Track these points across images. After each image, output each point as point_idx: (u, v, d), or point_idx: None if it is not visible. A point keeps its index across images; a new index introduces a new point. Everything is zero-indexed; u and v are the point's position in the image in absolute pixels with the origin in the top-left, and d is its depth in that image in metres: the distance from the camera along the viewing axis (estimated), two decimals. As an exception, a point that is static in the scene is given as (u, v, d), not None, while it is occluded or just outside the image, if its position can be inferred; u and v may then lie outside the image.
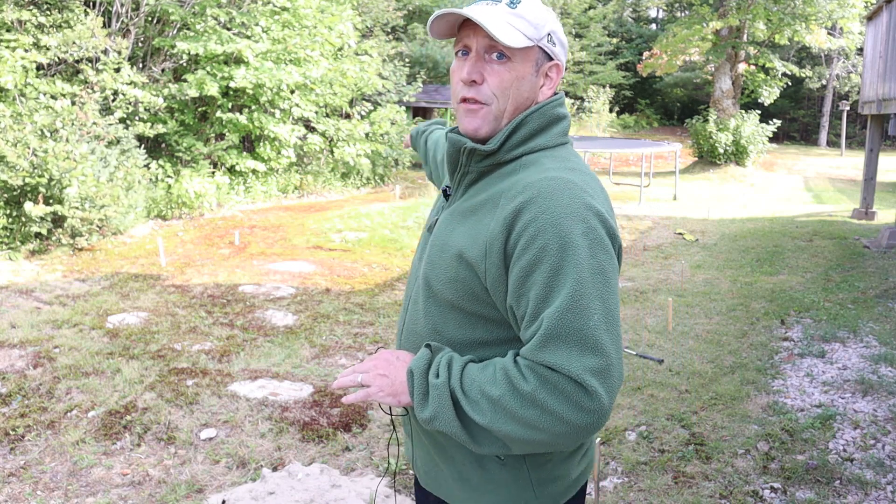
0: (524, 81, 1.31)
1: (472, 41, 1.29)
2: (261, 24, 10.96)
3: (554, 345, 1.14)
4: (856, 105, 25.86)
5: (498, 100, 1.29)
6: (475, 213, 1.30)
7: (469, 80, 1.28)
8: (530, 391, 1.15)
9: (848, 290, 6.61)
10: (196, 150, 10.67)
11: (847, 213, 11.94)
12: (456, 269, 1.29)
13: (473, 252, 1.26)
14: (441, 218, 1.40)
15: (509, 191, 1.25)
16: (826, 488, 3.17)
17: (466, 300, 1.30)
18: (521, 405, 1.15)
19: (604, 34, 30.33)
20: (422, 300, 1.37)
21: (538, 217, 1.18)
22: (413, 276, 1.46)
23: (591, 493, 2.98)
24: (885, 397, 4.14)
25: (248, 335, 5.19)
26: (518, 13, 1.28)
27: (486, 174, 1.34)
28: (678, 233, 9.99)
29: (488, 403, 1.19)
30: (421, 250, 1.45)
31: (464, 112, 1.32)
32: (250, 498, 3.02)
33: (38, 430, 3.62)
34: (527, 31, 1.28)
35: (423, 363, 1.27)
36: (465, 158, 1.33)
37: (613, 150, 14.74)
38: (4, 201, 7.31)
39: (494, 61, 1.28)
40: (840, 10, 17.22)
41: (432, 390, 1.23)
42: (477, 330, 1.31)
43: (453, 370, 1.24)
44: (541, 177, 1.23)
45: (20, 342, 4.86)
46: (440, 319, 1.34)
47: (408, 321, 1.43)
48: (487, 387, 1.19)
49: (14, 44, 8.40)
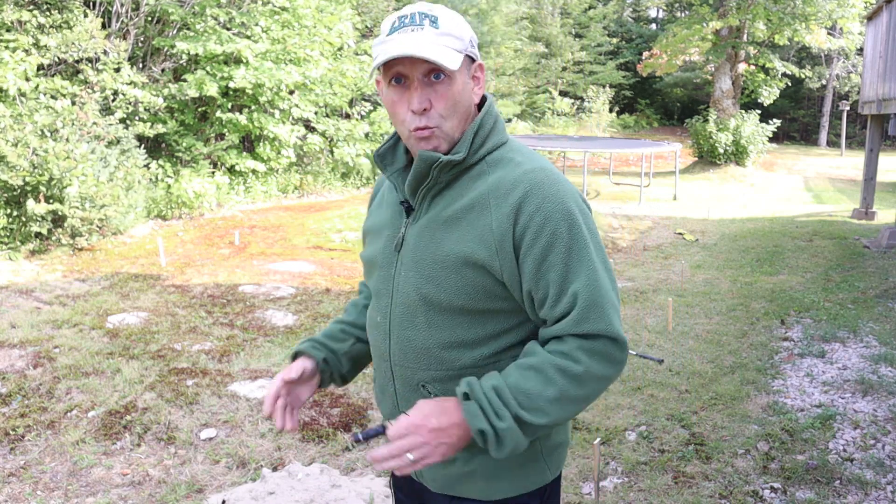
0: (464, 92, 1.34)
1: (408, 70, 1.29)
2: (260, 23, 10.96)
3: (593, 313, 1.27)
4: (856, 105, 25.86)
5: (447, 119, 1.32)
6: (464, 218, 1.33)
7: (421, 108, 1.29)
8: (583, 370, 1.27)
9: (848, 290, 6.61)
10: (196, 150, 10.67)
11: (847, 213, 11.94)
12: (464, 275, 1.31)
13: (482, 253, 1.30)
14: (410, 233, 1.39)
15: (497, 189, 1.32)
16: (826, 488, 3.17)
17: (479, 301, 1.33)
18: (579, 387, 1.27)
19: (604, 34, 30.31)
20: (422, 316, 1.36)
21: (541, 206, 1.28)
22: (387, 297, 1.42)
23: (591, 493, 2.98)
24: (885, 397, 4.14)
25: (248, 335, 5.19)
26: (444, 31, 1.29)
27: (453, 181, 1.36)
28: (678, 233, 9.99)
29: (550, 404, 1.26)
30: (388, 268, 1.42)
31: (417, 140, 1.33)
32: (250, 498, 3.02)
33: (38, 430, 3.62)
34: (456, 46, 1.30)
35: (478, 412, 1.25)
36: (437, 172, 1.34)
37: (613, 150, 14.74)
38: (5, 201, 7.31)
39: (435, 83, 1.30)
40: (840, 9, 17.22)
41: (505, 434, 1.24)
42: (489, 325, 1.36)
43: (508, 400, 1.25)
44: (522, 171, 1.32)
45: (20, 342, 4.86)
46: (449, 328, 1.35)
47: (401, 344, 1.40)
48: (545, 390, 1.26)
49: (14, 44, 8.40)
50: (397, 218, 1.44)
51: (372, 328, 1.49)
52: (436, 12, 1.30)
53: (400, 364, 1.41)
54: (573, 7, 29.26)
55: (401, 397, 1.43)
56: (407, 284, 1.37)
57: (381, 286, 1.44)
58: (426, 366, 1.37)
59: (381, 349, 1.46)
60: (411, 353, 1.39)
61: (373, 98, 14.64)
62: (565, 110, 25.96)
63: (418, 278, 1.36)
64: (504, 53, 22.06)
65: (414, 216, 1.40)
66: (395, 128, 1.39)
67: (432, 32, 1.28)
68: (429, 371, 1.37)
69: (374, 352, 1.51)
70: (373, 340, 1.50)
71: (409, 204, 1.41)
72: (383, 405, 1.53)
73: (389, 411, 1.49)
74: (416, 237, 1.38)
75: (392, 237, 1.43)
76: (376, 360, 1.51)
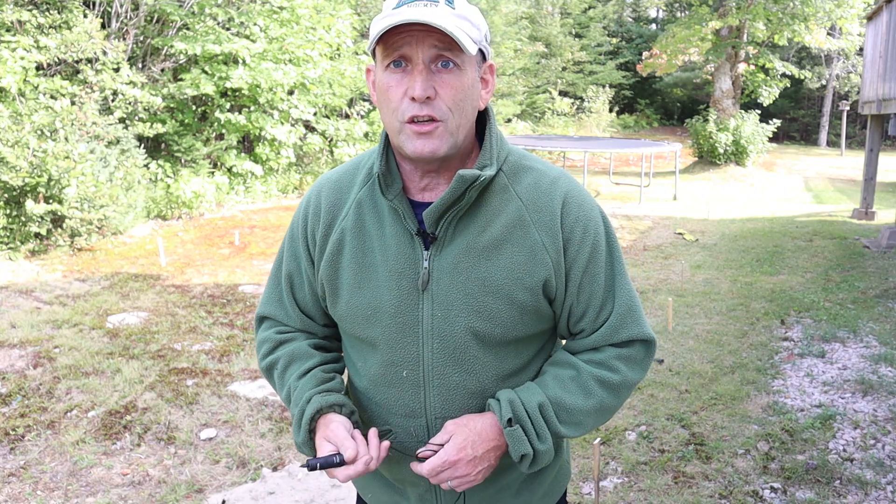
0: (472, 89, 1.18)
1: (414, 50, 1.11)
2: (259, 23, 10.95)
3: (629, 318, 1.25)
4: (856, 105, 25.86)
5: (453, 114, 1.14)
6: (507, 241, 1.20)
7: (424, 96, 1.11)
8: (620, 379, 1.25)
9: (848, 290, 6.61)
10: (195, 151, 10.67)
11: (847, 213, 11.94)
12: (520, 302, 1.20)
13: (541, 272, 1.20)
14: (438, 267, 1.20)
15: (533, 203, 1.22)
16: (826, 488, 3.17)
17: (531, 326, 1.25)
18: (615, 397, 1.25)
19: (604, 34, 30.32)
20: (472, 357, 1.21)
21: (579, 216, 1.23)
22: (415, 346, 1.22)
23: (591, 493, 2.98)
24: (885, 397, 4.14)
25: (248, 335, 5.18)
26: (460, 14, 1.12)
27: (479, 200, 1.21)
28: (678, 233, 9.99)
29: (588, 417, 1.24)
30: (410, 313, 1.21)
31: (413, 134, 1.14)
32: (250, 498, 3.02)
33: (38, 430, 3.62)
34: (472, 34, 1.14)
35: (522, 437, 1.18)
36: (472, 193, 1.17)
37: (613, 150, 14.74)
38: (4, 201, 7.31)
39: (443, 71, 1.13)
40: (838, 10, 17.22)
41: (543, 455, 1.21)
42: (530, 348, 1.30)
43: (550, 418, 1.21)
44: (550, 181, 1.25)
45: (20, 342, 4.86)
46: (499, 361, 1.24)
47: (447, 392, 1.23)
48: (585, 403, 1.23)
49: (14, 44, 8.39)
50: (408, 251, 1.21)
51: (385, 386, 1.27)
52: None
53: (442, 416, 1.24)
54: (573, 7, 29.26)
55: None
56: (448, 324, 1.20)
57: (398, 335, 1.23)
58: (479, 408, 1.25)
59: (409, 406, 1.25)
60: (459, 400, 1.23)
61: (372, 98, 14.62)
62: (565, 110, 25.96)
63: (467, 315, 1.20)
64: (504, 53, 22.06)
65: (437, 246, 1.20)
66: (383, 119, 1.19)
67: (449, 12, 1.10)
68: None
69: (389, 412, 1.28)
70: (387, 399, 1.27)
71: (429, 233, 1.21)
72: (403, 469, 1.31)
73: (414, 475, 1.26)
74: (450, 271, 1.20)
75: (409, 275, 1.21)
76: (395, 420, 1.28)
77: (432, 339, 1.21)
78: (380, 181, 1.21)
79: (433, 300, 1.20)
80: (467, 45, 1.10)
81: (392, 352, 1.24)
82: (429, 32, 1.10)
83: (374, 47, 1.15)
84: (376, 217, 1.25)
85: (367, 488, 1.44)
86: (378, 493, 1.42)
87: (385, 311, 1.22)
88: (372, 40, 1.13)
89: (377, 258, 1.23)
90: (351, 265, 1.26)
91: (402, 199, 1.21)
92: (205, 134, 11.15)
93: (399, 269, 1.21)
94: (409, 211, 1.20)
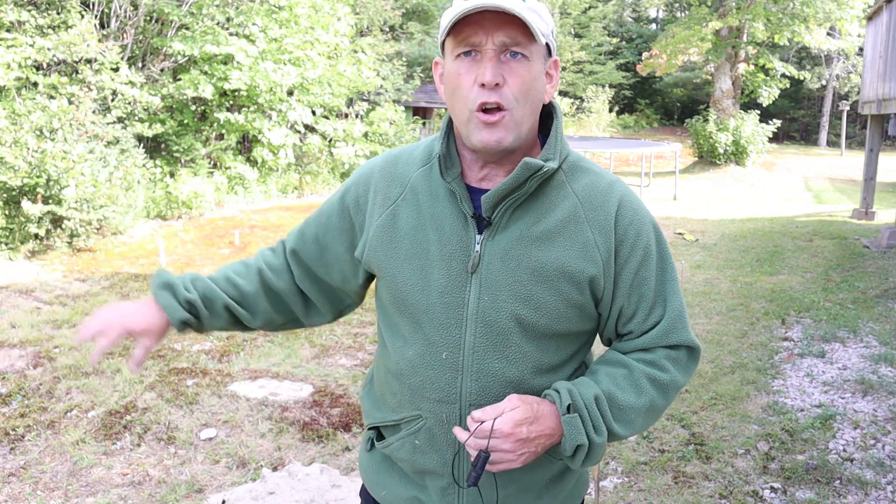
0: (538, 81, 1.20)
1: (484, 39, 1.14)
2: (258, 22, 10.95)
3: (679, 324, 1.28)
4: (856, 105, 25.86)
5: (519, 104, 1.16)
6: (560, 233, 1.21)
7: (493, 83, 1.13)
8: (669, 379, 1.26)
9: (848, 290, 6.61)
10: (195, 151, 10.67)
11: (847, 213, 11.94)
12: (566, 295, 1.21)
13: (590, 269, 1.22)
14: (490, 251, 1.21)
15: (589, 201, 1.24)
16: (826, 488, 3.17)
17: (574, 322, 1.25)
18: (664, 397, 1.27)
19: (604, 34, 30.34)
20: (514, 344, 1.22)
21: (633, 220, 1.25)
22: (458, 328, 1.22)
23: (591, 493, 2.98)
24: (885, 397, 4.14)
25: (248, 335, 5.18)
26: (530, 6, 1.15)
27: (538, 191, 1.23)
28: (678, 233, 9.99)
29: (639, 416, 1.25)
30: (457, 294, 1.22)
31: (480, 123, 1.16)
32: (250, 498, 3.02)
33: (38, 430, 3.62)
34: (541, 26, 1.16)
35: (580, 426, 1.18)
36: (533, 182, 1.19)
37: (613, 150, 14.74)
38: (3, 201, 7.31)
39: (511, 61, 1.15)
40: (838, 10, 17.22)
41: (598, 448, 1.21)
42: (570, 346, 1.29)
43: (605, 412, 1.21)
44: (607, 182, 1.27)
45: (20, 342, 4.86)
46: (539, 354, 1.24)
47: (485, 379, 1.23)
48: (637, 401, 1.24)
49: (13, 43, 8.39)
50: (461, 233, 1.23)
51: (423, 368, 1.26)
52: None
53: (476, 404, 1.23)
54: (573, 7, 29.26)
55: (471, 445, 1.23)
56: (494, 309, 1.21)
57: (442, 315, 1.23)
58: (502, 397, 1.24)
59: (444, 391, 1.25)
60: (496, 389, 1.23)
61: (371, 98, 14.63)
62: (565, 110, 25.96)
63: (514, 301, 1.20)
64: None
65: (491, 231, 1.22)
66: (450, 109, 1.21)
67: (519, 2, 1.13)
68: None
69: (422, 396, 1.27)
70: (422, 382, 1.27)
71: (485, 218, 1.22)
72: (427, 459, 1.30)
73: (439, 465, 1.28)
74: (502, 256, 1.21)
75: (459, 256, 1.22)
76: (427, 405, 1.27)
77: (476, 323, 1.22)
78: (440, 162, 1.24)
79: (481, 284, 1.21)
80: (539, 33, 1.13)
81: (434, 332, 1.24)
82: (500, 23, 1.13)
83: (444, 38, 1.18)
84: (432, 198, 1.26)
85: (381, 485, 1.40)
86: (395, 488, 1.38)
87: (433, 290, 1.23)
88: (444, 28, 1.15)
89: (430, 236, 1.25)
90: (404, 241, 1.27)
91: (460, 181, 1.23)
92: (204, 134, 11.15)
93: (451, 250, 1.23)
94: (465, 194, 1.22)
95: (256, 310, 1.44)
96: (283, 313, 1.46)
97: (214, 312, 1.41)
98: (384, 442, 1.37)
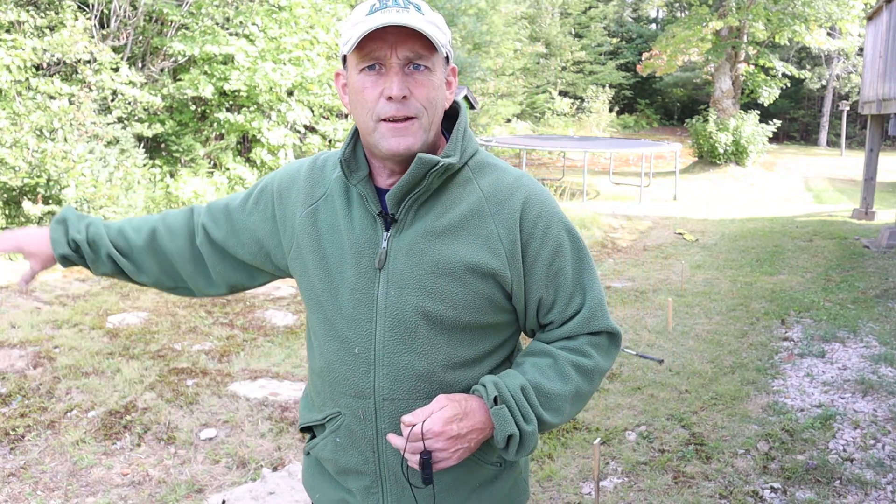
0: (441, 89, 1.25)
1: (389, 53, 1.18)
2: (257, 22, 10.95)
3: (599, 311, 1.31)
4: (856, 105, 25.85)
5: (427, 112, 1.22)
6: (464, 227, 1.25)
7: (401, 95, 1.18)
8: (593, 364, 1.30)
9: (848, 290, 6.61)
10: (195, 151, 10.67)
11: (847, 213, 11.94)
12: (471, 287, 1.24)
13: (493, 262, 1.25)
14: (396, 247, 1.26)
15: (494, 195, 1.28)
16: (826, 488, 3.17)
17: (485, 314, 1.28)
18: (589, 383, 1.30)
19: (604, 34, 30.36)
20: (422, 338, 1.25)
21: (542, 212, 1.28)
22: (368, 322, 1.27)
23: (591, 493, 2.98)
24: (885, 397, 4.14)
25: (248, 335, 5.19)
26: (429, 19, 1.20)
27: (441, 188, 1.27)
28: (678, 233, 9.99)
29: (566, 403, 1.27)
30: (366, 290, 1.27)
31: (389, 132, 1.21)
32: (250, 498, 3.02)
33: (38, 430, 3.62)
34: (440, 38, 1.21)
35: (508, 416, 1.20)
36: (432, 178, 1.23)
37: (613, 150, 14.75)
38: (3, 202, 7.31)
39: (415, 73, 1.21)
40: (839, 10, 17.23)
41: (529, 438, 1.23)
42: (488, 340, 1.31)
43: (533, 401, 1.23)
44: (514, 177, 1.31)
45: (20, 342, 4.86)
46: (451, 347, 1.27)
47: (395, 373, 1.26)
48: (563, 388, 1.26)
49: (12, 43, 8.39)
50: (370, 232, 1.28)
51: (337, 364, 1.30)
52: (417, 1, 1.22)
53: (390, 398, 1.26)
54: (573, 7, 29.28)
55: (385, 440, 1.27)
56: (401, 304, 1.25)
57: (354, 311, 1.28)
58: (426, 394, 1.26)
59: (358, 386, 1.28)
60: (407, 382, 1.26)
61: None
62: (565, 110, 25.98)
63: (418, 295, 1.24)
64: (504, 53, 22.07)
65: (397, 228, 1.27)
66: (356, 120, 1.26)
67: (419, 16, 1.19)
68: (428, 400, 1.23)
69: (340, 392, 1.31)
70: (338, 378, 1.31)
71: (390, 215, 1.27)
72: (349, 457, 1.34)
73: (361, 463, 1.32)
74: (406, 252, 1.25)
75: (368, 254, 1.27)
76: (344, 401, 1.31)
77: (385, 318, 1.26)
78: (342, 167, 1.28)
79: (388, 279, 1.26)
80: (439, 45, 1.19)
81: (347, 328, 1.29)
82: (403, 38, 1.18)
83: (346, 53, 1.22)
84: (346, 200, 1.32)
85: (315, 488, 1.45)
86: (326, 490, 1.42)
87: (345, 287, 1.29)
88: (351, 45, 1.18)
89: (343, 237, 1.30)
90: (320, 241, 1.32)
91: (366, 183, 1.28)
92: (204, 134, 11.15)
93: (360, 248, 1.28)
94: (372, 195, 1.27)
95: (142, 266, 1.51)
96: (170, 276, 1.52)
97: (99, 257, 1.50)
98: (312, 443, 1.43)
